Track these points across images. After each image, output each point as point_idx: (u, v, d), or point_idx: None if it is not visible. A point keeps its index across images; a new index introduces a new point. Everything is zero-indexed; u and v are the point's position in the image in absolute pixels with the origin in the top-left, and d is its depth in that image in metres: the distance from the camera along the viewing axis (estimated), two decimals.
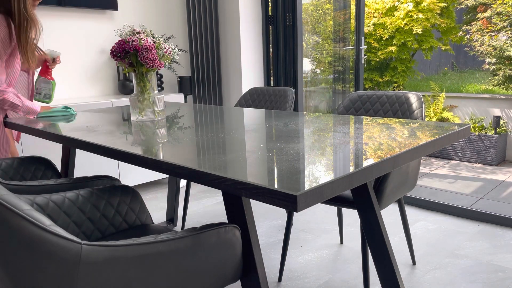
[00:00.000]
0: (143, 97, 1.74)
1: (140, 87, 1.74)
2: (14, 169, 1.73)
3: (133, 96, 1.75)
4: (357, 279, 1.93)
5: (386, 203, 1.66)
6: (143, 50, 1.65)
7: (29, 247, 0.75)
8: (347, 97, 2.04)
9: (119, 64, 1.72)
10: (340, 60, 3.80)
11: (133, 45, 1.65)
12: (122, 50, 1.66)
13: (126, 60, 1.69)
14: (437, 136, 1.22)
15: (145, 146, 1.23)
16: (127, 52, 1.67)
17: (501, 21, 5.38)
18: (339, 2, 3.72)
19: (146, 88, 1.74)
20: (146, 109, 1.75)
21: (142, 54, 1.65)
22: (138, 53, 1.65)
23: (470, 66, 9.64)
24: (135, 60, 1.69)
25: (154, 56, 1.67)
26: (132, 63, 1.70)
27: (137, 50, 1.65)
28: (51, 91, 2.11)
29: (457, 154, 4.42)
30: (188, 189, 2.47)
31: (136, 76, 1.73)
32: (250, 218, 1.08)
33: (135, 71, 1.72)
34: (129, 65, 1.71)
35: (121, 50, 1.66)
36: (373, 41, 6.49)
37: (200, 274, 0.98)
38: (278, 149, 1.13)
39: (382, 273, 1.38)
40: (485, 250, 2.16)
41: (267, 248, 2.27)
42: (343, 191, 0.89)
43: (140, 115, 1.75)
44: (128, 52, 1.67)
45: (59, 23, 3.08)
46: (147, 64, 1.67)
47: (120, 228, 1.32)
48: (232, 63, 3.36)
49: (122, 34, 1.72)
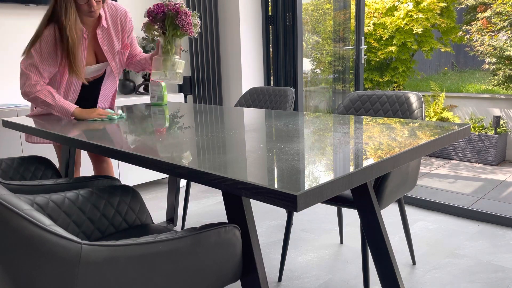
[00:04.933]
0: (167, 58, 1.88)
1: (167, 50, 1.89)
2: (14, 169, 1.73)
3: (157, 57, 1.90)
4: (357, 279, 1.93)
5: (386, 203, 1.66)
6: (183, 14, 1.81)
7: (29, 247, 0.75)
8: (347, 97, 2.04)
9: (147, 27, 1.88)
10: (340, 60, 3.80)
11: (175, 7, 1.81)
12: (161, 12, 1.82)
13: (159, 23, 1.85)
14: (437, 136, 1.22)
15: (145, 146, 1.23)
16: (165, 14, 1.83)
17: (501, 21, 5.38)
18: (339, 2, 3.72)
19: (173, 51, 1.89)
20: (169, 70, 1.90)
21: (181, 18, 1.81)
22: (178, 15, 1.81)
23: (470, 66, 9.64)
24: (169, 23, 1.84)
25: (191, 22, 1.85)
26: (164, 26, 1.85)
27: (178, 13, 1.81)
28: (162, 93, 2.24)
29: (457, 154, 4.42)
30: (188, 189, 2.47)
31: (165, 39, 1.88)
32: (250, 218, 1.08)
33: (164, 33, 1.87)
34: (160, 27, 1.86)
35: (161, 11, 1.81)
36: (373, 41, 6.48)
37: (200, 274, 0.98)
38: (278, 149, 1.13)
39: (382, 273, 1.38)
40: (485, 250, 2.16)
41: (267, 248, 2.27)
42: (343, 191, 0.89)
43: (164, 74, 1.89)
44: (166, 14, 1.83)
45: None
46: (184, 27, 1.83)
47: (120, 228, 1.32)
48: (232, 63, 3.36)
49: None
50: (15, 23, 2.90)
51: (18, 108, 2.61)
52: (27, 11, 2.94)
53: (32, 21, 2.97)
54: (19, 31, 2.92)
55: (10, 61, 2.91)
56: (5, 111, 2.56)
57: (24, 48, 2.94)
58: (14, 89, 2.95)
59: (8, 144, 2.60)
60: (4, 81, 2.91)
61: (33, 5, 2.91)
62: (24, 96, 1.88)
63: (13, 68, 2.93)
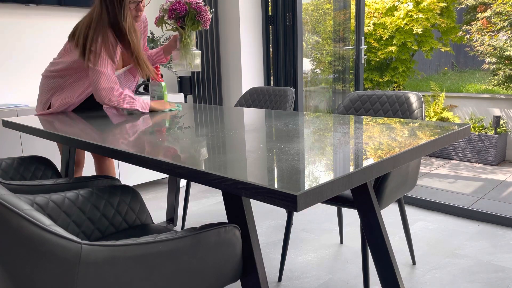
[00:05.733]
0: (187, 51, 2.08)
1: (187, 43, 2.08)
2: (14, 168, 1.73)
3: (176, 50, 2.10)
4: (357, 279, 1.93)
5: (386, 203, 1.66)
6: (204, 11, 2.02)
7: (29, 246, 0.75)
8: (347, 97, 2.04)
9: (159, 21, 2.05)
10: (340, 60, 3.80)
11: (198, 6, 2.01)
12: (184, 10, 2.00)
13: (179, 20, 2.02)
14: (437, 136, 1.22)
15: (146, 145, 1.23)
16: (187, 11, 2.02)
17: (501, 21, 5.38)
18: (339, 2, 3.72)
19: (191, 44, 2.09)
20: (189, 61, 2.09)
21: (203, 15, 2.02)
22: (201, 12, 2.02)
23: (470, 66, 9.64)
24: (188, 19, 2.03)
25: (209, 17, 2.06)
26: (184, 21, 2.04)
27: (200, 11, 2.02)
28: (162, 93, 2.27)
29: (457, 154, 4.42)
30: (188, 189, 2.47)
31: (185, 33, 2.07)
32: (250, 218, 1.08)
33: (183, 28, 2.05)
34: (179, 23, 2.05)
35: (184, 9, 2.00)
36: (373, 41, 6.48)
37: (200, 274, 0.98)
38: (278, 149, 1.13)
39: (382, 273, 1.38)
40: (485, 250, 2.16)
41: (267, 248, 2.27)
42: (343, 191, 0.89)
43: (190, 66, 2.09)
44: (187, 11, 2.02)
45: (59, 22, 3.08)
46: (205, 23, 2.05)
47: (120, 228, 1.32)
48: (232, 63, 3.36)
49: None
50: (15, 23, 2.90)
51: (18, 108, 2.61)
52: (27, 11, 2.94)
53: (32, 21, 2.97)
54: (19, 31, 2.92)
55: (10, 61, 2.91)
56: (5, 111, 2.56)
57: (24, 48, 2.94)
58: (14, 89, 2.95)
59: (8, 144, 2.60)
60: (4, 81, 2.91)
61: (33, 5, 2.91)
62: (110, 103, 1.93)
63: (13, 68, 2.93)
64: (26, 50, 2.97)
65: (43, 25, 3.02)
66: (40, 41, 3.02)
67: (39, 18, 2.99)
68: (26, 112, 2.63)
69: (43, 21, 3.01)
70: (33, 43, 2.99)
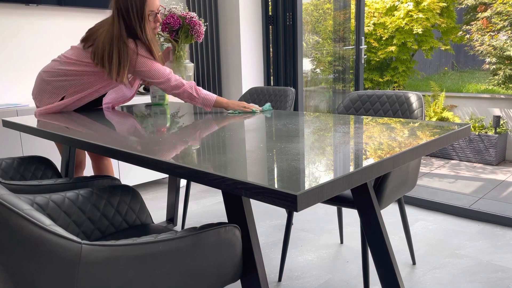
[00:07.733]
0: (180, 64, 2.12)
1: (180, 56, 2.12)
2: (14, 168, 1.73)
3: (169, 63, 2.14)
4: (357, 279, 1.93)
5: (386, 203, 1.66)
6: (197, 25, 2.05)
7: (29, 246, 0.75)
8: (347, 97, 2.04)
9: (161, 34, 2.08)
10: (340, 60, 3.80)
11: (192, 21, 2.04)
12: (178, 24, 2.02)
13: (173, 33, 2.05)
14: (437, 136, 1.22)
15: (146, 145, 1.23)
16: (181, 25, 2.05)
17: (501, 20, 5.38)
18: (339, 2, 3.72)
19: (184, 57, 2.13)
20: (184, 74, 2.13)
21: (196, 29, 2.05)
22: (195, 27, 2.04)
23: (470, 66, 9.64)
24: (182, 33, 2.05)
25: (203, 30, 2.10)
26: (177, 34, 2.07)
27: (194, 25, 2.04)
28: (163, 93, 2.27)
29: (457, 153, 4.42)
30: (188, 189, 2.47)
31: (177, 46, 2.11)
32: (250, 218, 1.08)
33: (176, 41, 2.09)
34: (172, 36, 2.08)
35: (177, 23, 2.02)
36: (373, 40, 6.48)
37: (200, 274, 0.98)
38: (278, 148, 1.13)
39: (382, 273, 1.38)
40: (485, 250, 2.16)
41: (267, 248, 2.27)
42: (343, 191, 0.89)
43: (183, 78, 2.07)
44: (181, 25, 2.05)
45: (59, 23, 3.08)
46: (198, 37, 2.09)
47: (120, 228, 1.32)
48: (232, 63, 3.36)
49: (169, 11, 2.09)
50: (15, 23, 2.90)
51: (18, 108, 2.61)
52: (27, 11, 2.94)
53: (32, 21, 2.97)
54: (19, 31, 2.92)
55: (10, 61, 2.91)
56: (5, 111, 2.56)
57: (24, 48, 2.94)
58: (14, 89, 2.95)
59: (8, 144, 2.60)
60: (4, 81, 2.91)
61: (33, 5, 2.91)
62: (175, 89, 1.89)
63: (13, 68, 2.93)
64: (26, 50, 2.97)
65: (43, 25, 3.02)
66: (40, 41, 3.02)
67: (39, 18, 2.99)
68: (26, 112, 2.63)
69: (43, 21, 3.01)
70: (33, 43, 2.99)
